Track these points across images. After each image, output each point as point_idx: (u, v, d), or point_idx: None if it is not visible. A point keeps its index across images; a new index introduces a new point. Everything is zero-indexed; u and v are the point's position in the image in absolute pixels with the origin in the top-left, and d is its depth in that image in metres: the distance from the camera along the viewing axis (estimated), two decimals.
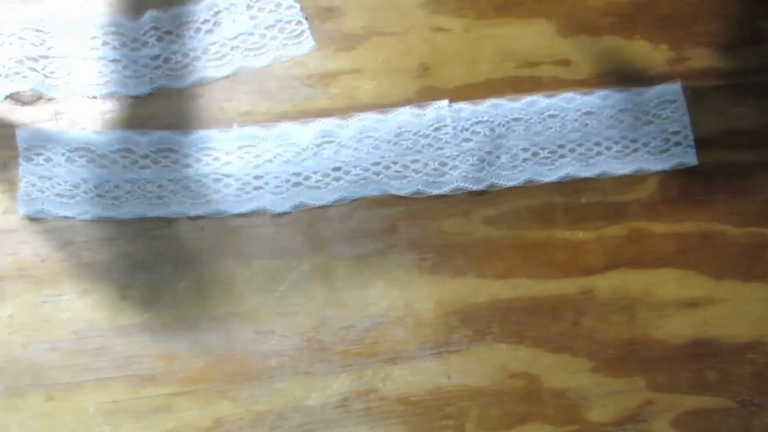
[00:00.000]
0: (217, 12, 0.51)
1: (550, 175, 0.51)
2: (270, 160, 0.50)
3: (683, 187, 0.52)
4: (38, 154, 0.50)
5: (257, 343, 0.49)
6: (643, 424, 0.49)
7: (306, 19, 0.51)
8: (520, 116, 0.52)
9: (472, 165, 0.51)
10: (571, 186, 0.51)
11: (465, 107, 0.52)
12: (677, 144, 0.52)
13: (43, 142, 0.50)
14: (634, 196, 0.52)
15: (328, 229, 0.50)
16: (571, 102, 0.52)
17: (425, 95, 0.52)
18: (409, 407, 0.49)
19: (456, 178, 0.51)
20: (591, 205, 0.51)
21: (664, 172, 0.52)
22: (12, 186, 0.50)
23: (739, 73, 0.54)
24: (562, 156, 0.52)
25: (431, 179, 0.51)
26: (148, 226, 0.50)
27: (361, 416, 0.48)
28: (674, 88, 0.52)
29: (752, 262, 0.51)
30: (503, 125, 0.52)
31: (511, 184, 0.51)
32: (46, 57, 0.50)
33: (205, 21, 0.51)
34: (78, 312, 0.48)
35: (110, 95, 0.50)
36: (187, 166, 0.50)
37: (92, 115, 0.51)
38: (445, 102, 0.51)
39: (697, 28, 0.54)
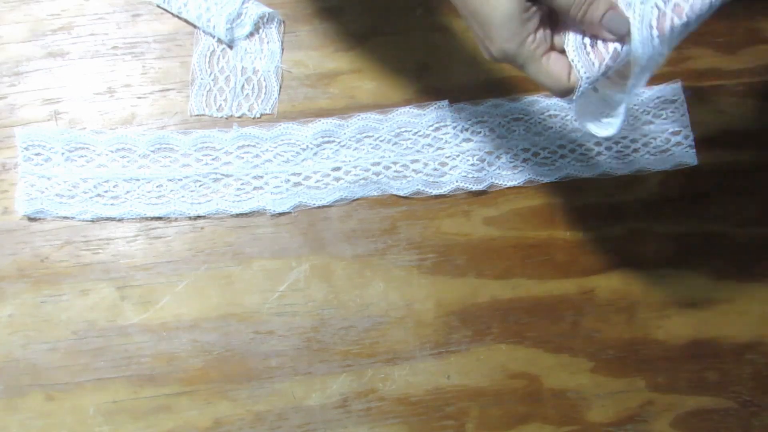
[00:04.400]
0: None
1: (550, 175, 0.51)
2: (270, 160, 0.50)
3: (683, 187, 0.52)
4: (38, 154, 0.50)
5: (257, 343, 0.49)
6: (643, 424, 0.49)
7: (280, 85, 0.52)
8: (520, 116, 0.52)
9: (472, 165, 0.51)
10: (571, 186, 0.51)
11: (465, 107, 0.52)
12: (677, 144, 0.52)
13: (42, 142, 0.50)
14: (634, 196, 0.52)
15: (328, 229, 0.50)
16: (571, 102, 0.52)
17: (425, 95, 0.52)
18: (409, 407, 0.49)
19: (456, 178, 0.51)
20: (591, 205, 0.51)
21: (664, 172, 0.52)
22: (12, 186, 0.50)
23: (739, 73, 0.53)
24: (562, 156, 0.52)
25: (431, 179, 0.51)
26: (148, 226, 0.50)
27: (361, 416, 0.48)
28: (674, 88, 0.52)
29: (752, 262, 0.51)
30: (503, 125, 0.52)
31: (511, 184, 0.51)
32: None
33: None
34: (78, 312, 0.48)
35: None
36: (187, 166, 0.50)
37: (91, 115, 0.51)
38: (445, 102, 0.51)
39: (697, 28, 0.54)
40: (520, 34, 0.35)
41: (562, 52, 0.36)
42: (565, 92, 0.36)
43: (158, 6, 0.52)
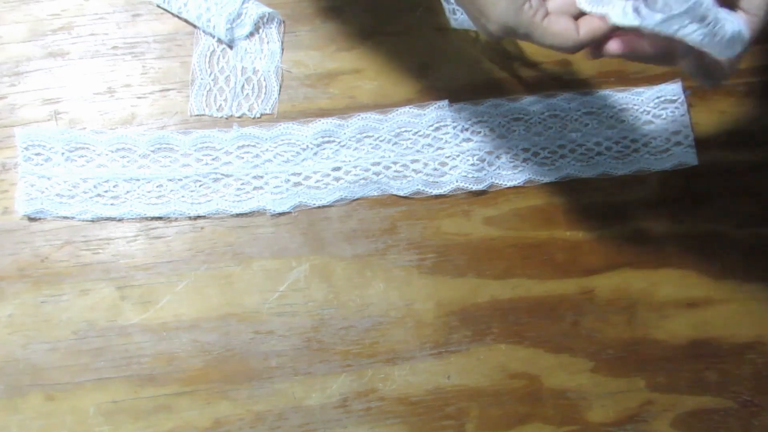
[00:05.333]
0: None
1: (550, 175, 0.51)
2: (270, 160, 0.50)
3: (683, 187, 0.52)
4: (38, 154, 0.50)
5: (257, 343, 0.49)
6: (643, 424, 0.49)
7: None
8: (520, 116, 0.52)
9: (472, 165, 0.51)
10: (571, 186, 0.51)
11: (465, 107, 0.52)
12: (677, 144, 0.52)
13: (42, 142, 0.50)
14: (634, 196, 0.52)
15: (328, 229, 0.50)
16: (571, 102, 0.52)
17: (425, 95, 0.52)
18: (409, 407, 0.49)
19: (456, 178, 0.51)
20: (591, 205, 0.51)
21: (664, 172, 0.52)
22: (12, 186, 0.50)
23: (740, 73, 0.53)
24: (562, 156, 0.52)
25: (431, 179, 0.51)
26: (148, 226, 0.50)
27: (361, 416, 0.48)
28: (674, 88, 0.52)
29: (752, 262, 0.51)
30: (503, 125, 0.52)
31: (511, 184, 0.51)
32: None
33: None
34: (78, 312, 0.48)
35: None
36: (187, 166, 0.50)
37: (91, 115, 0.51)
38: (445, 102, 0.51)
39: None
40: (516, 2, 0.34)
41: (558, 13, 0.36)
42: (578, 46, 0.35)
43: (158, 6, 0.52)
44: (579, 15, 0.36)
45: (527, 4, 0.35)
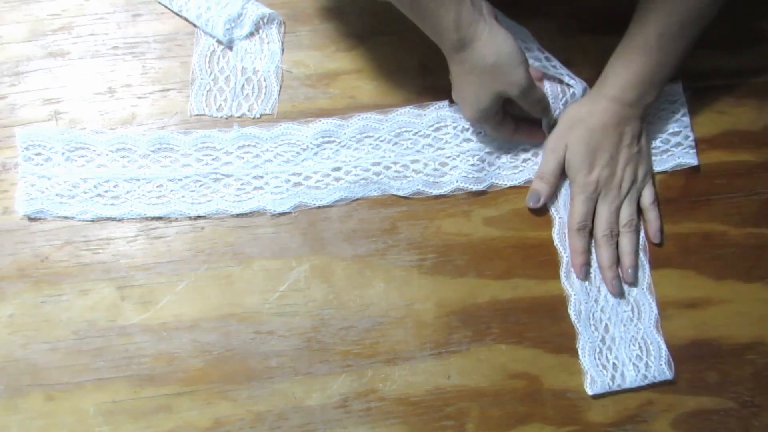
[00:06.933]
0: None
1: None
2: (270, 160, 0.50)
3: (683, 187, 0.52)
4: (38, 154, 0.50)
5: (257, 343, 0.49)
6: (643, 425, 0.49)
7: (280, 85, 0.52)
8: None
9: (472, 165, 0.51)
10: None
11: None
12: (678, 144, 0.52)
13: (42, 142, 0.50)
14: None
15: (328, 229, 0.50)
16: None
17: (425, 95, 0.52)
18: (409, 407, 0.49)
19: (456, 178, 0.51)
20: None
21: (664, 173, 0.52)
22: (12, 186, 0.50)
23: (739, 73, 0.54)
24: None
25: (431, 179, 0.51)
26: (148, 226, 0.50)
27: (361, 416, 0.48)
28: (675, 88, 0.52)
29: (752, 263, 0.51)
30: None
31: (511, 184, 0.51)
32: None
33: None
34: (78, 312, 0.48)
35: None
36: (187, 165, 0.50)
37: (92, 115, 0.51)
38: (445, 102, 0.51)
39: None
40: (485, 115, 0.48)
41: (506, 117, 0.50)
42: (512, 139, 0.51)
43: (159, 2, 0.52)
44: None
45: (501, 121, 0.49)
